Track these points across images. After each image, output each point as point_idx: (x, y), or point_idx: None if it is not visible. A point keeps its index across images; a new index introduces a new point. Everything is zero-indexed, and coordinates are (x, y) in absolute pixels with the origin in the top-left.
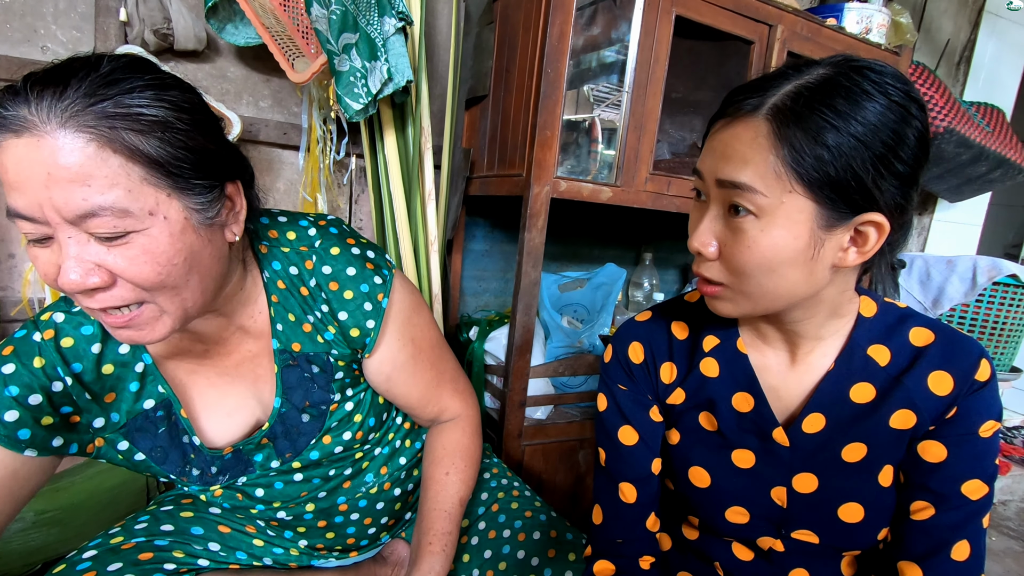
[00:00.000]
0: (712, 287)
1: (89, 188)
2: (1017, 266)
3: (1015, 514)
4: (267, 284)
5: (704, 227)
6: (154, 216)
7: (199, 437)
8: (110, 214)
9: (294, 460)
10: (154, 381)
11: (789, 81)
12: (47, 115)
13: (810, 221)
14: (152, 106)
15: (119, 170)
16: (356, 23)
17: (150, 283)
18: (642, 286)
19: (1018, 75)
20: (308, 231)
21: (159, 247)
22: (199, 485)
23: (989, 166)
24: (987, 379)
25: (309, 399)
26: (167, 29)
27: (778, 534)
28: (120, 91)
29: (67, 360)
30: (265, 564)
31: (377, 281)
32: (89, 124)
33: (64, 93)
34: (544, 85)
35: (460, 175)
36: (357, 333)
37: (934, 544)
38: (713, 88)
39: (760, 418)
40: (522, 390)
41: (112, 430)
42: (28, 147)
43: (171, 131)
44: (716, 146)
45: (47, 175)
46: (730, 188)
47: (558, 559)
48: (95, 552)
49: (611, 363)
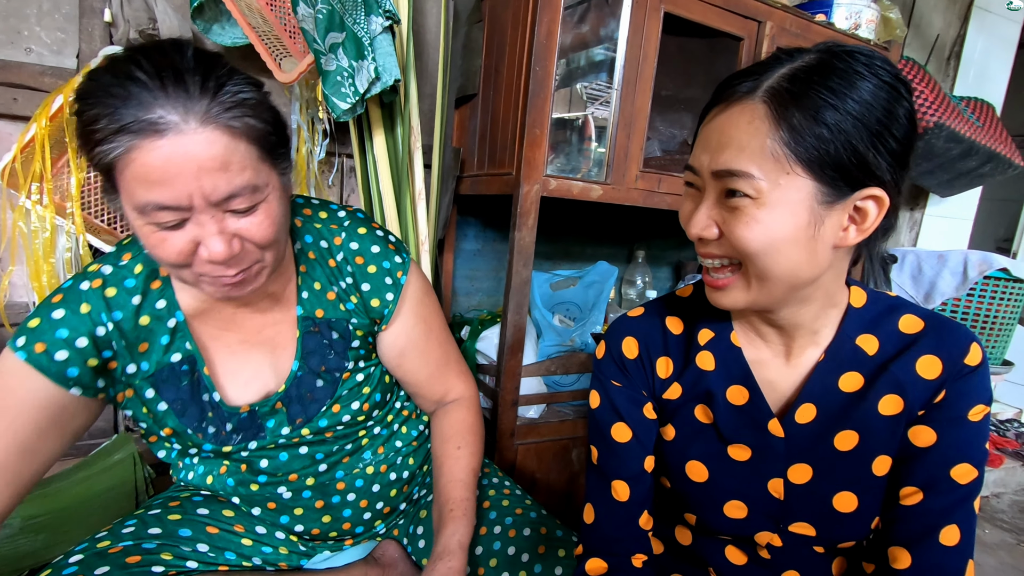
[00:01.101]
0: (721, 279)
1: (231, 172)
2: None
3: (1008, 507)
4: (297, 254)
5: (702, 213)
6: (269, 186)
7: (219, 394)
8: (246, 191)
9: (304, 427)
10: (183, 337)
11: (782, 65)
12: (185, 112)
13: (809, 199)
14: (247, 88)
15: (247, 153)
16: (343, 22)
17: (269, 241)
18: (635, 284)
19: (1007, 70)
20: (338, 213)
21: (275, 210)
22: (213, 444)
23: (979, 160)
24: (977, 364)
25: (325, 364)
26: (152, 30)
27: (775, 528)
28: (224, 80)
29: (110, 308)
30: (254, 564)
31: (397, 260)
32: (223, 118)
33: (189, 90)
34: (533, 83)
35: (450, 174)
36: (377, 303)
37: (923, 529)
38: (703, 85)
39: (755, 410)
40: (514, 389)
41: (141, 378)
42: (175, 145)
43: (264, 108)
44: (710, 136)
45: (197, 167)
46: (727, 177)
47: (548, 555)
48: (81, 556)
49: (604, 359)
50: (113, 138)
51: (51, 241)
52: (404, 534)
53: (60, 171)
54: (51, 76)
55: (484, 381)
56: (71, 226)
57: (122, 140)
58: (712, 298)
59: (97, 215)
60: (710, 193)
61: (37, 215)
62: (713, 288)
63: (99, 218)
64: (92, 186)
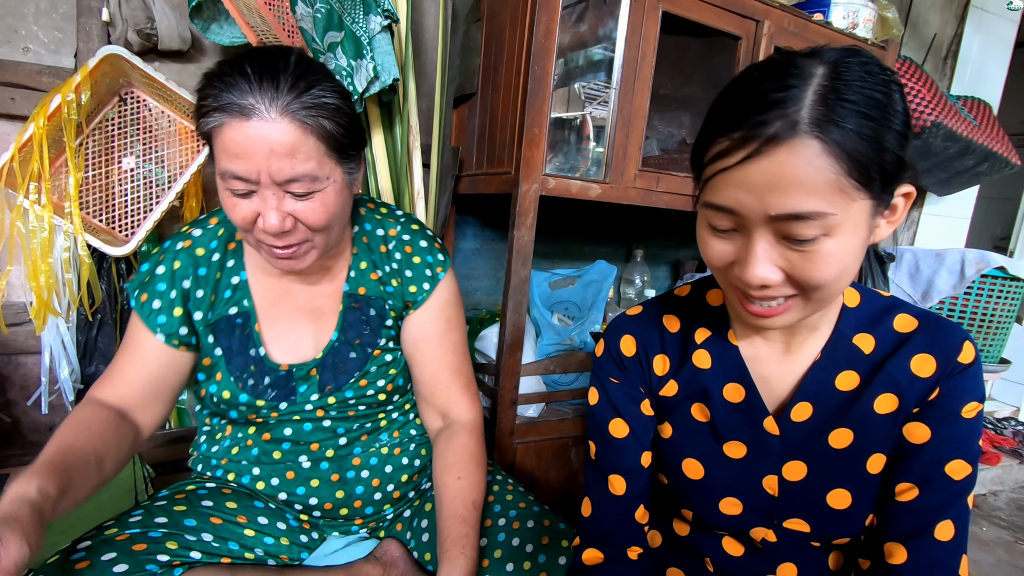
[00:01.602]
0: (774, 308)
1: (296, 160)
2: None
3: (1005, 504)
4: (354, 237)
5: (761, 259)
6: (329, 180)
7: (264, 349)
8: (307, 179)
9: (331, 395)
10: (242, 295)
11: (803, 87)
12: (269, 104)
13: (868, 216)
14: (330, 95)
15: (314, 147)
16: (341, 21)
17: (320, 226)
18: (633, 283)
19: (1004, 69)
20: (396, 211)
21: (330, 200)
22: (249, 395)
23: (976, 159)
24: (970, 362)
25: (360, 338)
26: (151, 29)
27: (770, 524)
28: (312, 84)
29: (197, 264)
30: (256, 556)
31: (440, 258)
32: (299, 114)
33: (279, 87)
34: (531, 83)
35: (449, 174)
36: (414, 290)
37: (919, 525)
38: (701, 84)
39: (751, 408)
40: (513, 388)
41: (204, 324)
42: (256, 128)
43: (341, 114)
44: (753, 179)
45: (270, 149)
46: (791, 221)
47: (552, 545)
48: (89, 543)
49: (603, 357)
50: (213, 114)
51: (49, 241)
52: (408, 528)
53: (58, 171)
54: (49, 75)
55: (483, 380)
56: (69, 226)
57: (219, 117)
58: (759, 323)
59: (95, 215)
60: (763, 237)
61: (35, 215)
62: (762, 317)
63: (97, 218)
64: (90, 186)
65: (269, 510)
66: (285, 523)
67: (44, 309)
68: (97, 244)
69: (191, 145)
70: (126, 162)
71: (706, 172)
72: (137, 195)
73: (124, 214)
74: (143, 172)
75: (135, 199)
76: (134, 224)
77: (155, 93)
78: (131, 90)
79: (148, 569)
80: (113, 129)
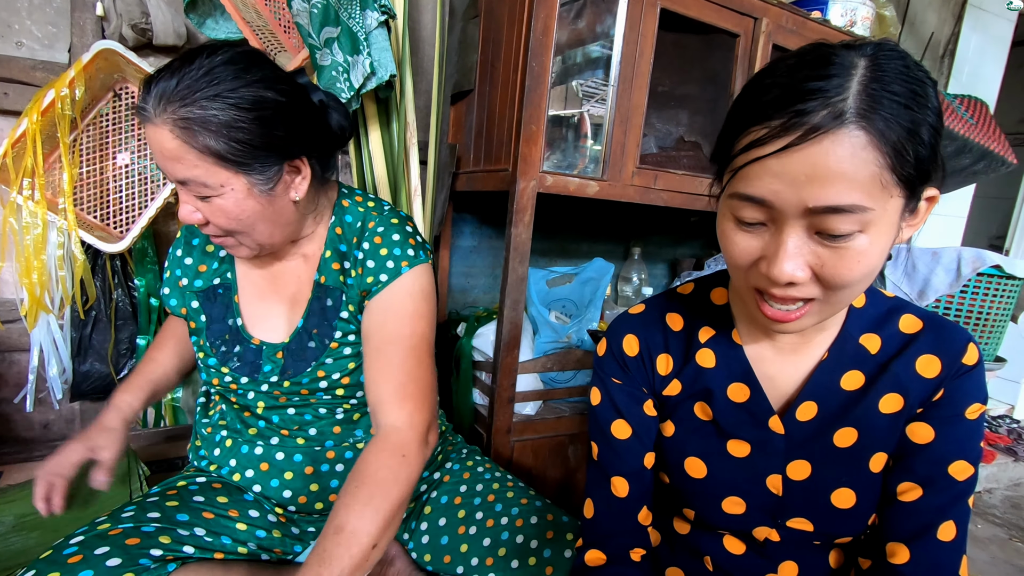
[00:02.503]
0: (794, 312)
1: (183, 164)
2: (1000, 257)
3: (1000, 502)
4: (331, 227)
5: (792, 254)
6: (224, 187)
7: (241, 320)
8: (195, 184)
9: (289, 379)
10: (228, 268)
11: (846, 77)
12: (155, 109)
13: (899, 215)
14: (226, 111)
15: (197, 157)
16: (338, 17)
17: (224, 229)
18: (631, 281)
19: (1001, 68)
20: (384, 205)
21: (228, 206)
22: (217, 360)
23: (973, 158)
24: (974, 363)
25: (319, 328)
26: (145, 24)
27: (773, 523)
28: (205, 96)
29: (192, 233)
30: (250, 549)
31: (410, 254)
32: (178, 124)
33: (169, 94)
34: (529, 80)
35: (446, 170)
36: (371, 280)
37: (921, 525)
38: (699, 82)
39: (756, 407)
40: (510, 386)
41: (191, 290)
42: (149, 131)
43: (235, 130)
44: (794, 169)
45: (160, 151)
46: (830, 214)
47: (556, 539)
48: (82, 538)
49: (605, 356)
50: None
51: (42, 237)
52: (405, 528)
53: (52, 166)
54: (42, 70)
55: (480, 378)
56: (63, 222)
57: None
58: (774, 328)
59: (89, 211)
60: (795, 231)
61: (28, 211)
62: (778, 321)
63: (92, 214)
64: (84, 182)
65: (258, 504)
66: (275, 515)
67: (36, 306)
68: (91, 241)
69: None
70: (121, 158)
71: (736, 162)
72: (132, 191)
73: (119, 210)
74: (138, 168)
75: (130, 195)
76: (129, 220)
77: None
78: (126, 85)
79: (141, 563)
80: (108, 125)
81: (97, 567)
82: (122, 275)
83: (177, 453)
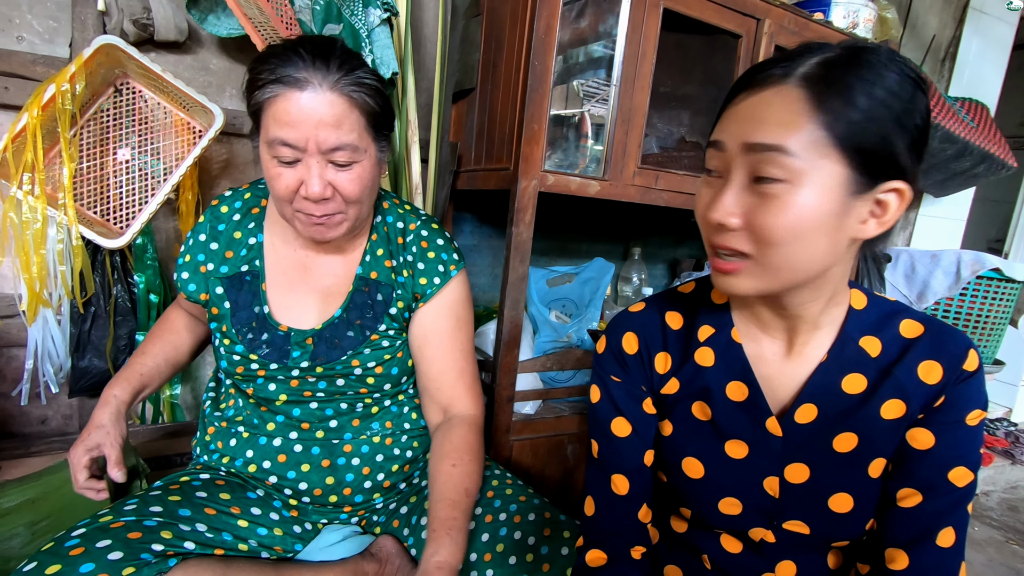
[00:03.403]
0: (731, 263)
1: (341, 130)
2: (1000, 260)
3: (997, 504)
4: (375, 225)
5: (728, 198)
6: (367, 152)
7: (268, 308)
8: (349, 148)
9: (320, 366)
10: (256, 256)
11: (811, 55)
12: (322, 79)
13: (840, 187)
14: (371, 77)
15: (357, 120)
16: (340, 14)
17: (355, 197)
18: (631, 281)
19: (1002, 71)
20: (420, 210)
21: (366, 173)
22: (245, 347)
23: (973, 161)
24: (975, 369)
25: (362, 319)
26: (147, 19)
27: (770, 525)
28: (356, 67)
29: (217, 219)
30: (250, 547)
31: (455, 257)
32: (346, 89)
33: (330, 66)
34: (531, 79)
35: (447, 169)
36: (424, 282)
37: (921, 531)
38: (701, 82)
39: (754, 408)
40: (510, 385)
41: (216, 276)
42: (308, 99)
43: (379, 95)
44: (742, 112)
45: (319, 119)
46: (762, 152)
47: (554, 536)
48: (84, 530)
49: (604, 354)
50: (269, 85)
51: (42, 232)
52: (405, 524)
53: (52, 161)
54: (43, 65)
55: (480, 377)
56: (63, 217)
57: (274, 88)
58: (719, 283)
59: (89, 206)
60: (737, 177)
61: (28, 206)
62: (721, 273)
63: (92, 209)
64: (84, 177)
65: (262, 501)
66: (278, 514)
67: (35, 301)
68: (91, 236)
69: (187, 137)
70: (121, 154)
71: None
72: (132, 187)
73: (119, 206)
74: (138, 164)
75: (130, 191)
76: (129, 216)
77: (151, 84)
78: (127, 81)
79: (143, 558)
80: (108, 120)
81: (98, 560)
82: (121, 271)
83: (175, 450)
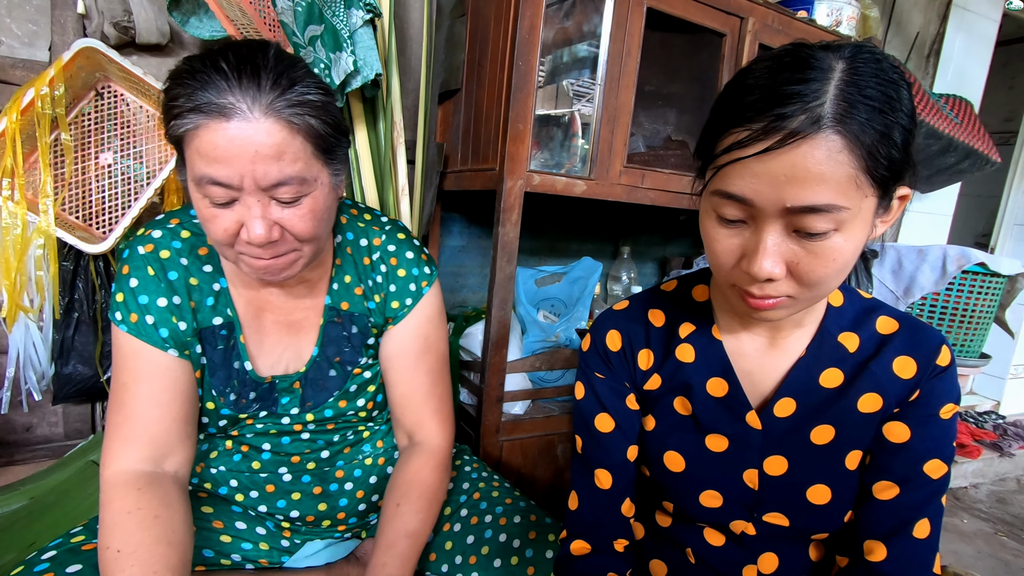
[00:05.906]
0: (771, 302)
1: (283, 162)
2: (985, 254)
3: (986, 496)
4: (336, 248)
5: (771, 252)
6: (317, 181)
7: (250, 363)
8: (295, 182)
9: (309, 412)
10: (225, 304)
11: (824, 82)
12: (252, 103)
13: (872, 213)
14: (314, 91)
15: (301, 147)
16: (322, 15)
17: (308, 235)
18: (620, 280)
19: (985, 68)
20: (381, 218)
21: (319, 205)
22: (230, 410)
23: (958, 157)
24: (947, 364)
25: (340, 355)
26: (128, 22)
27: (750, 517)
28: (295, 81)
29: (165, 269)
30: (233, 561)
31: (426, 271)
32: (284, 113)
33: (261, 84)
34: (516, 78)
35: (434, 170)
36: (396, 305)
37: (898, 523)
38: (686, 81)
39: (734, 402)
40: (499, 385)
41: (190, 334)
42: (238, 129)
43: (327, 112)
44: (774, 171)
45: (255, 152)
46: (807, 213)
47: (539, 539)
48: (54, 552)
49: (589, 351)
50: (187, 115)
51: (23, 238)
52: None
53: (32, 166)
54: (22, 69)
55: (468, 377)
56: (44, 223)
57: (193, 118)
58: (758, 315)
59: (72, 211)
60: (774, 229)
61: (8, 211)
62: (759, 309)
63: (74, 214)
64: (65, 182)
65: (248, 516)
66: (265, 528)
67: (15, 307)
68: (73, 241)
69: None
70: (103, 158)
71: (719, 161)
72: (115, 191)
73: (102, 211)
74: (121, 168)
75: (113, 195)
76: (112, 221)
77: (133, 87)
78: (108, 84)
79: None
80: (90, 124)
81: None
82: (105, 277)
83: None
